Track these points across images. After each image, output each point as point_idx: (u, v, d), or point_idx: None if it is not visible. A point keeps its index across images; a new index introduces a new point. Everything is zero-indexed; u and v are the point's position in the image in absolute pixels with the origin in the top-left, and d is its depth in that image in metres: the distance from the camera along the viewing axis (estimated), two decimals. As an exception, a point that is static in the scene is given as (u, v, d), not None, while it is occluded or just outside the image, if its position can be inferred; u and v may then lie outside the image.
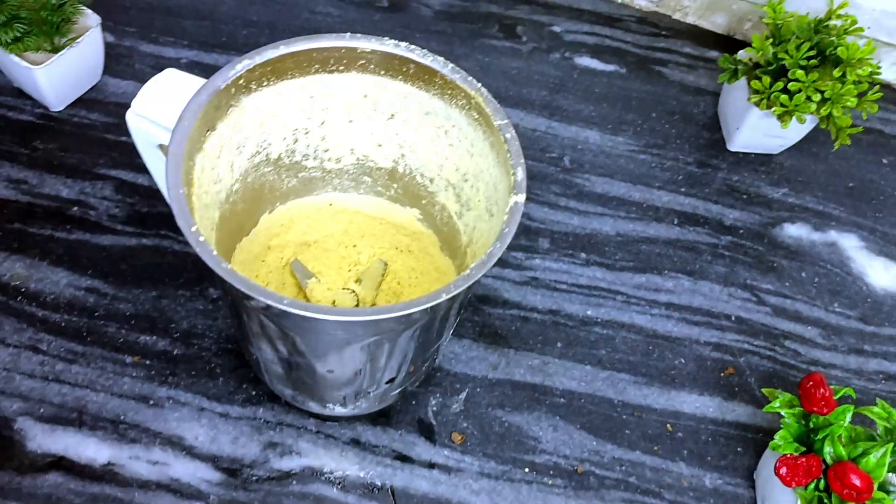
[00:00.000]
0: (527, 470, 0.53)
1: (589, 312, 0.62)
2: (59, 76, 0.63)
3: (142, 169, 0.63)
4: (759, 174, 0.73)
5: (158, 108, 0.43)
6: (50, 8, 0.59)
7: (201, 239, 0.34)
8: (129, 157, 0.64)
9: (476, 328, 0.59)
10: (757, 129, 0.70)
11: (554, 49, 0.80)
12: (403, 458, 0.53)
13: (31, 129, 0.65)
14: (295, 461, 0.52)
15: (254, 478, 0.50)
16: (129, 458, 0.50)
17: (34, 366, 0.53)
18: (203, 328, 0.56)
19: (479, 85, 0.42)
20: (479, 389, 0.56)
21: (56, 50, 0.62)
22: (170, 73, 0.44)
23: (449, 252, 0.53)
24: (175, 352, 0.55)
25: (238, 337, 0.54)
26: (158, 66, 0.71)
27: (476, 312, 0.60)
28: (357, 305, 0.50)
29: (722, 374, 0.60)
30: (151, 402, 0.53)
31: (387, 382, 0.46)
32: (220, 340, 0.56)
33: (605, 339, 0.60)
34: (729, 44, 0.84)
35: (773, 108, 0.65)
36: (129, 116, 0.44)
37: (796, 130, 0.70)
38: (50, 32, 0.61)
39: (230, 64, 0.40)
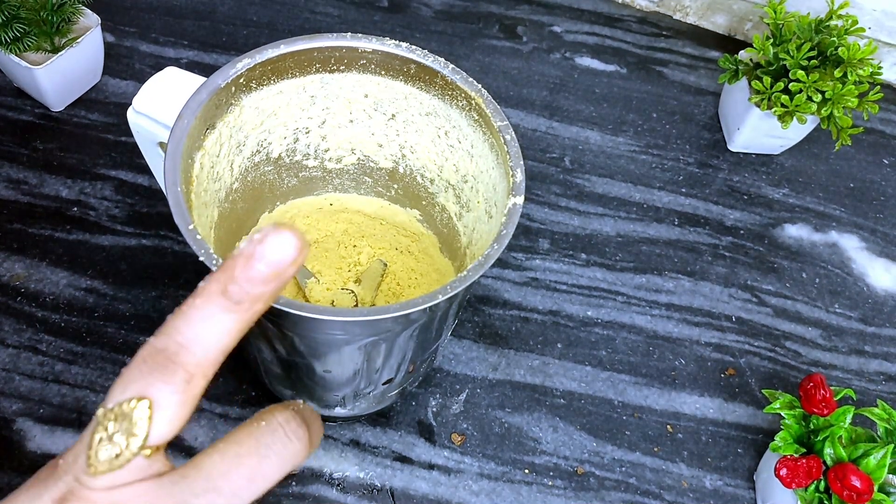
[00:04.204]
0: (527, 471, 0.53)
1: (589, 313, 0.61)
2: (59, 76, 0.63)
3: (142, 169, 0.63)
4: (760, 175, 0.73)
5: (159, 106, 0.43)
6: (50, 8, 0.59)
7: (199, 237, 0.34)
8: (130, 157, 0.64)
9: (476, 329, 0.59)
10: (758, 130, 0.70)
11: (554, 49, 0.80)
12: (403, 459, 0.53)
13: (31, 129, 0.65)
14: (294, 462, 0.52)
15: (253, 478, 0.50)
16: (129, 458, 0.50)
17: (34, 366, 0.53)
18: (203, 328, 0.56)
19: (480, 86, 0.42)
20: (478, 390, 0.56)
21: (56, 50, 0.62)
22: (171, 72, 0.44)
23: (449, 253, 0.52)
24: (174, 352, 0.55)
25: (238, 337, 0.54)
26: (158, 66, 0.71)
27: (476, 313, 0.60)
28: (356, 306, 0.50)
29: (722, 375, 0.60)
30: (151, 402, 0.52)
31: (385, 383, 0.46)
32: (220, 341, 0.56)
33: (605, 340, 0.60)
34: (730, 44, 0.84)
35: (773, 109, 0.65)
36: (130, 114, 0.44)
37: (797, 131, 0.70)
38: (50, 32, 0.61)
39: (231, 63, 0.40)
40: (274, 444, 0.24)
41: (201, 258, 0.33)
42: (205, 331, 0.23)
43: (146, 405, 0.22)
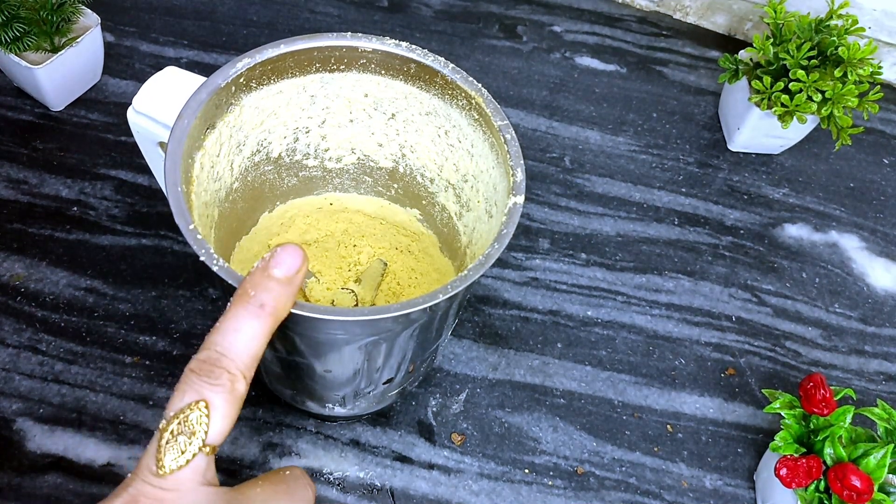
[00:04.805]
0: (527, 471, 0.53)
1: (589, 313, 0.61)
2: (59, 76, 0.63)
3: (142, 169, 0.64)
4: (760, 174, 0.73)
5: (159, 105, 0.43)
6: (49, 8, 0.59)
7: (199, 237, 0.34)
8: (129, 157, 0.64)
9: (476, 328, 0.59)
10: (758, 130, 0.70)
11: (554, 49, 0.80)
12: (403, 459, 0.53)
13: (31, 129, 0.65)
14: (294, 462, 0.52)
15: (253, 478, 0.50)
16: (129, 458, 0.50)
17: (33, 366, 0.53)
18: (203, 328, 0.56)
19: (480, 86, 0.42)
20: (478, 390, 0.56)
21: (56, 50, 0.62)
22: (171, 71, 0.44)
23: (449, 253, 0.52)
24: (175, 352, 0.55)
25: (238, 337, 0.54)
26: (158, 65, 0.71)
27: (476, 313, 0.60)
28: (356, 305, 0.50)
29: (722, 375, 0.60)
30: (151, 402, 0.53)
31: (385, 382, 0.46)
32: (220, 340, 0.56)
33: (605, 340, 0.60)
34: (730, 44, 0.84)
35: (773, 109, 0.65)
36: (130, 114, 0.44)
37: (797, 131, 0.70)
38: (50, 32, 0.61)
39: (231, 62, 0.40)
40: (298, 489, 0.30)
41: (202, 258, 0.33)
42: (238, 339, 0.28)
43: (202, 406, 0.26)
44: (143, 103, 0.43)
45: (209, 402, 0.26)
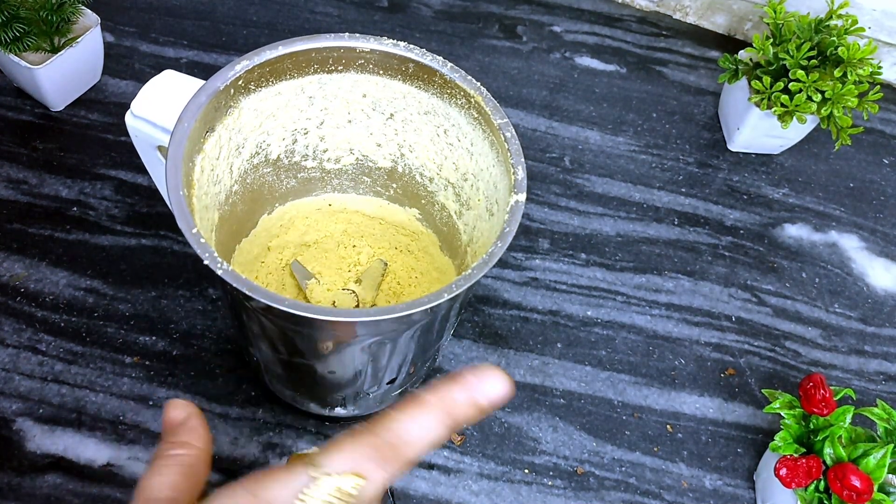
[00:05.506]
0: (526, 471, 0.53)
1: (589, 313, 0.61)
2: (59, 76, 0.63)
3: (141, 169, 0.64)
4: (760, 174, 0.73)
5: (157, 109, 0.43)
6: (49, 8, 0.59)
7: (202, 241, 0.34)
8: (129, 157, 0.64)
9: (476, 329, 0.59)
10: (757, 130, 0.70)
11: (554, 49, 0.80)
12: (403, 459, 0.53)
13: (31, 129, 0.65)
14: (294, 462, 0.52)
15: (253, 478, 0.50)
16: (129, 458, 0.50)
17: (33, 366, 0.53)
18: (202, 328, 0.56)
19: (479, 84, 0.42)
20: (478, 390, 0.56)
21: (56, 50, 0.62)
22: (168, 75, 0.44)
23: (449, 252, 0.52)
24: (174, 352, 0.55)
25: (237, 338, 0.54)
26: (158, 66, 0.71)
27: (476, 313, 0.60)
28: (357, 306, 0.50)
29: (722, 375, 0.60)
30: (151, 402, 0.53)
31: (387, 383, 0.46)
32: (220, 341, 0.56)
33: (605, 340, 0.60)
34: (729, 44, 0.84)
35: (773, 109, 0.65)
36: (129, 119, 0.44)
37: (797, 131, 0.70)
38: (49, 32, 0.61)
39: (229, 65, 0.40)
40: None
41: (206, 262, 0.33)
42: (422, 439, 0.26)
43: (361, 480, 0.25)
44: (141, 107, 0.43)
45: (375, 481, 0.25)
